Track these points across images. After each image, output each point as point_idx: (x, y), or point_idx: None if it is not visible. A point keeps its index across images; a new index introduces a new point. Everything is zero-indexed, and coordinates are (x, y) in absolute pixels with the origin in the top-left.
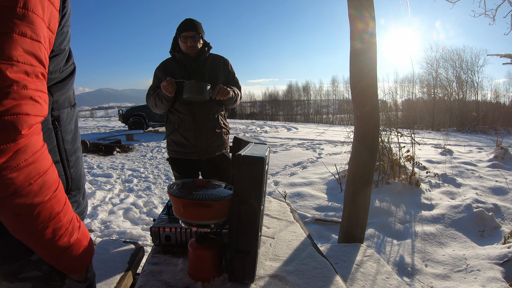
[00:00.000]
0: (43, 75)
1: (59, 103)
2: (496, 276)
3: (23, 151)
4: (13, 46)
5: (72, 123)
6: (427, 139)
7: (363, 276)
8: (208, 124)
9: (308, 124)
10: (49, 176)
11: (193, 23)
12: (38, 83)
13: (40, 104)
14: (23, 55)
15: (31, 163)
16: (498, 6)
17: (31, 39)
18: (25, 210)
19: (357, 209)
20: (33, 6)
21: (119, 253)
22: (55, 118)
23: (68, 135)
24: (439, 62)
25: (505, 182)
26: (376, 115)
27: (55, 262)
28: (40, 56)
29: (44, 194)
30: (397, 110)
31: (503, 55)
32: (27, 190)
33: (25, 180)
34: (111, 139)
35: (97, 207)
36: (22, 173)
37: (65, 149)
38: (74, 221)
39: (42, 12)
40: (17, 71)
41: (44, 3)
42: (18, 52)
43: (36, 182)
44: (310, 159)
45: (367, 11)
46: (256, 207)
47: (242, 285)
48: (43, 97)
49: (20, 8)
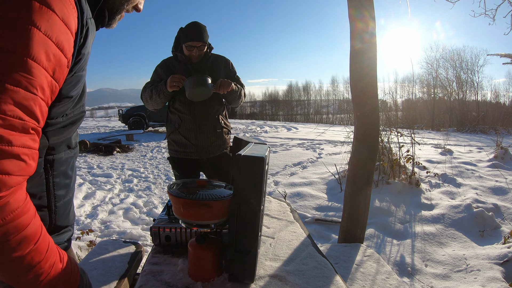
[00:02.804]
0: (34, 130)
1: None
2: (496, 276)
3: (1, 210)
4: (3, 97)
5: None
6: (427, 139)
7: (363, 276)
8: (209, 124)
9: (308, 124)
10: (30, 230)
11: (199, 31)
12: (26, 138)
13: (26, 162)
14: (12, 108)
15: (10, 221)
16: (498, 6)
17: (25, 90)
18: (3, 261)
19: (357, 209)
20: (35, 53)
21: (119, 253)
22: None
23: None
24: (439, 62)
25: (505, 182)
26: (376, 115)
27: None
28: (34, 109)
29: (23, 249)
30: (397, 110)
31: (503, 55)
32: (5, 246)
33: (3, 237)
34: (111, 139)
35: (97, 207)
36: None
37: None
38: (56, 263)
39: (46, 61)
40: (2, 126)
41: (49, 50)
42: (7, 105)
43: (15, 238)
44: (310, 159)
45: (367, 11)
46: (256, 207)
47: (242, 285)
48: (31, 154)
49: (19, 54)
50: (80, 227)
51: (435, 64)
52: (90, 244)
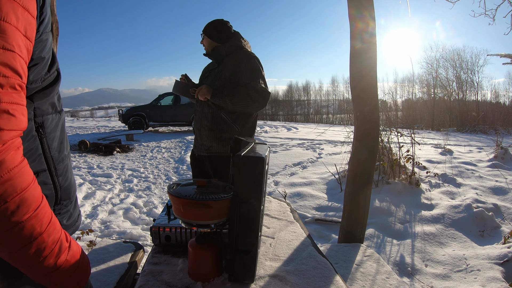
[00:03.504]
0: (20, 86)
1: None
2: (496, 276)
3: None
4: None
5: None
6: (427, 139)
7: (363, 276)
8: (203, 123)
9: (308, 124)
10: (29, 194)
11: (207, 24)
12: (14, 95)
13: (16, 117)
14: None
15: (7, 180)
16: (498, 6)
17: (3, 49)
18: (2, 229)
19: (357, 209)
20: (4, 15)
21: (119, 253)
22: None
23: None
24: (439, 62)
25: (505, 182)
26: (376, 115)
27: (44, 282)
28: (15, 66)
29: (22, 213)
30: (397, 110)
31: (503, 55)
32: (2, 209)
33: (0, 199)
34: (111, 139)
35: (97, 207)
36: None
37: (52, 157)
38: (62, 241)
39: (15, 20)
40: None
41: (17, 11)
42: None
43: (13, 200)
44: (310, 159)
45: (367, 11)
46: (256, 207)
47: (242, 285)
48: (20, 109)
49: None
50: (80, 227)
51: (435, 64)
52: (90, 244)
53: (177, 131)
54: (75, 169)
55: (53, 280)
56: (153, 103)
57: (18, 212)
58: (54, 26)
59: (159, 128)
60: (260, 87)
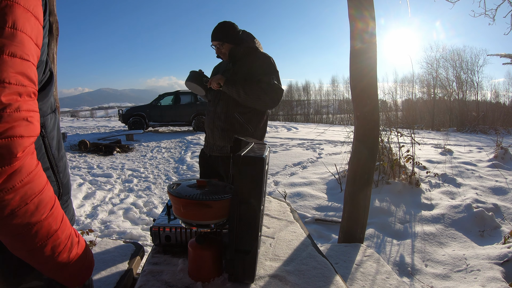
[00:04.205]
0: (34, 94)
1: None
2: (496, 276)
3: (18, 172)
4: (4, 67)
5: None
6: (427, 139)
7: (363, 276)
8: (216, 122)
9: (308, 124)
10: (45, 194)
11: (216, 31)
12: (30, 102)
13: (33, 124)
14: (14, 76)
15: (27, 183)
16: (498, 6)
17: (21, 59)
18: (23, 229)
19: (357, 209)
20: (22, 25)
21: (119, 253)
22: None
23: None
24: (439, 62)
25: (505, 182)
26: (376, 115)
27: (56, 277)
28: (31, 75)
29: (40, 213)
30: (397, 110)
31: (503, 55)
32: (24, 210)
33: (21, 201)
34: (111, 139)
35: (97, 207)
36: (18, 194)
37: (53, 155)
38: (72, 236)
39: (30, 30)
40: (10, 93)
41: (31, 20)
42: (10, 74)
43: (32, 201)
44: (310, 159)
45: (367, 11)
46: (256, 207)
47: (242, 285)
48: (36, 116)
49: (9, 28)
50: (80, 227)
51: (435, 64)
52: (90, 244)
53: (177, 131)
54: (75, 169)
55: (64, 274)
56: (153, 103)
57: (37, 212)
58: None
59: (159, 128)
60: (273, 82)
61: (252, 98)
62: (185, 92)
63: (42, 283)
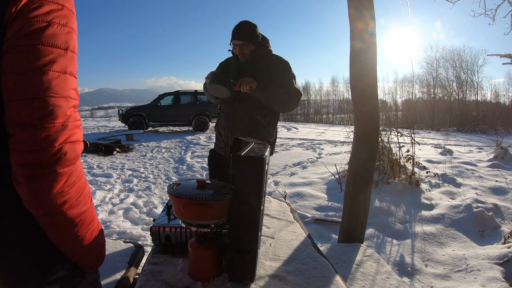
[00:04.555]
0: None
1: None
2: (496, 276)
3: (76, 170)
4: (66, 85)
5: None
6: (427, 139)
7: (363, 276)
8: (237, 125)
9: (308, 124)
10: (88, 188)
11: (242, 30)
12: (77, 113)
13: (81, 130)
14: (72, 92)
15: (80, 178)
16: (498, 6)
17: (75, 77)
18: (77, 218)
19: (357, 209)
20: (75, 48)
21: (119, 253)
22: None
23: None
24: (439, 62)
25: (505, 182)
26: (376, 115)
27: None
28: (77, 90)
29: (88, 203)
30: (397, 110)
31: (503, 55)
32: (78, 201)
33: (77, 193)
34: (111, 139)
35: (97, 207)
36: (75, 188)
37: None
38: (98, 223)
39: (76, 49)
40: (71, 106)
41: (76, 40)
42: (71, 90)
43: (83, 194)
44: (310, 159)
45: (367, 11)
46: (256, 207)
47: (242, 285)
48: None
49: (70, 51)
50: None
51: (435, 64)
52: None
53: (177, 131)
54: None
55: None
56: (153, 103)
57: (85, 202)
58: None
59: (159, 128)
60: (295, 86)
61: (280, 102)
62: (185, 92)
63: (66, 272)
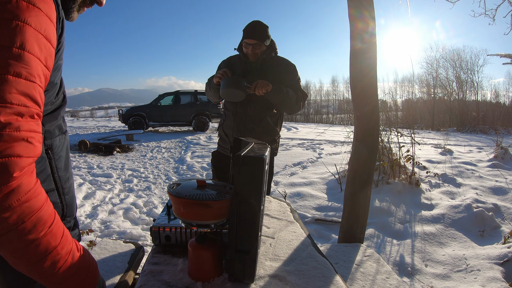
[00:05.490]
0: (38, 115)
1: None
2: (496, 276)
3: (15, 191)
4: (7, 88)
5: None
6: (427, 139)
7: (363, 276)
8: (247, 125)
9: (308, 124)
10: (44, 212)
11: (256, 30)
12: (32, 123)
13: (34, 145)
14: (17, 96)
15: (24, 202)
16: (498, 6)
17: (26, 80)
18: (21, 246)
19: (357, 209)
20: (29, 46)
21: (119, 253)
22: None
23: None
24: (439, 62)
25: (505, 182)
26: (376, 115)
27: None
28: (35, 96)
29: (39, 231)
30: (397, 110)
31: (503, 55)
32: (21, 228)
33: (19, 219)
34: (111, 139)
35: (97, 207)
36: (15, 213)
37: (59, 177)
38: (73, 251)
39: (39, 51)
40: (10, 113)
41: (41, 42)
42: (12, 94)
43: (30, 219)
44: (310, 159)
45: (367, 11)
46: (256, 207)
47: (242, 285)
48: (37, 137)
49: (16, 49)
50: (80, 227)
51: (435, 64)
52: (90, 244)
53: (177, 131)
54: (75, 169)
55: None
56: (153, 103)
57: (35, 230)
58: None
59: (159, 128)
60: (302, 89)
61: (290, 104)
62: (185, 92)
63: None
